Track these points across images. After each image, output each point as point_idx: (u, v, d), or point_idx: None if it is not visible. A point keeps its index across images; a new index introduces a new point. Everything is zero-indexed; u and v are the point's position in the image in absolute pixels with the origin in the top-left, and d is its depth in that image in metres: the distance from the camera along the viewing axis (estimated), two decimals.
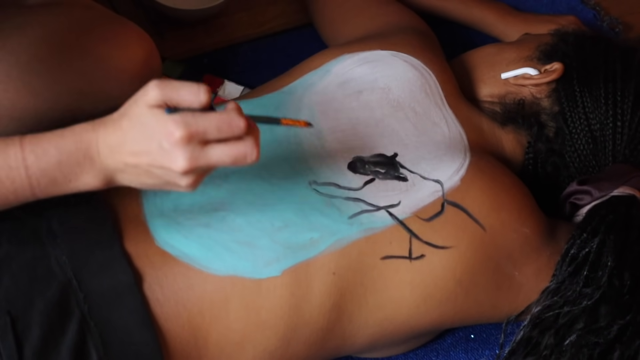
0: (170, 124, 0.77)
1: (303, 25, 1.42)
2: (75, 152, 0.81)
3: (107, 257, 0.89)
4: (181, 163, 0.78)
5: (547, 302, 0.96)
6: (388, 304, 0.95)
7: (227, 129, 0.79)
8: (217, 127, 0.79)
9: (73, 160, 0.81)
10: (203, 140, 0.79)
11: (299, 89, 1.06)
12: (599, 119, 1.09)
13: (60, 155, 0.81)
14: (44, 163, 0.80)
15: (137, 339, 0.87)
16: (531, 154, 1.12)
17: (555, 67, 1.11)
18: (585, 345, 0.93)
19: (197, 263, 0.91)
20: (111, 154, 0.81)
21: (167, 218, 0.93)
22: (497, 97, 1.14)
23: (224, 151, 0.79)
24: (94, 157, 0.81)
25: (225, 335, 0.91)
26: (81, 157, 0.81)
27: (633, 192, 1.03)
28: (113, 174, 0.82)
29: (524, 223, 0.99)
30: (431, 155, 1.01)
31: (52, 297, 0.86)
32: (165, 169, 0.79)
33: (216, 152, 0.79)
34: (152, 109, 0.79)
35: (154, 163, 0.79)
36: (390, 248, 0.95)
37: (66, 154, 0.81)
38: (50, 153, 0.80)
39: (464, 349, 1.12)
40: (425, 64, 1.09)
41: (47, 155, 0.80)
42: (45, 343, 0.84)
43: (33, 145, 0.81)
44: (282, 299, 0.91)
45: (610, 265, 0.96)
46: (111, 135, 0.80)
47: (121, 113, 0.81)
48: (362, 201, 0.96)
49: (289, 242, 0.93)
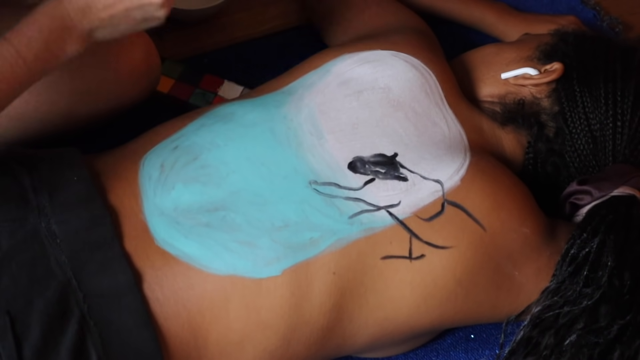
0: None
1: (303, 25, 1.42)
2: (55, 29, 0.88)
3: (106, 257, 0.89)
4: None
5: (547, 302, 0.96)
6: (388, 303, 0.95)
7: None
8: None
9: (56, 36, 0.88)
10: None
11: (299, 89, 1.06)
12: (599, 119, 1.09)
13: (43, 36, 0.88)
14: (35, 49, 0.87)
15: (137, 338, 0.87)
16: (531, 154, 1.12)
17: (555, 67, 1.11)
18: (585, 345, 0.93)
19: (197, 262, 0.91)
20: (84, 15, 0.89)
21: (166, 217, 0.93)
22: (497, 97, 1.14)
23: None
24: (70, 27, 0.89)
25: (225, 335, 0.91)
26: (60, 30, 0.88)
27: (633, 192, 1.03)
28: (91, 33, 0.90)
29: (524, 223, 0.99)
30: (431, 155, 1.01)
31: (51, 297, 0.86)
32: (144, 6, 0.88)
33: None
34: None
35: (132, 5, 0.87)
36: (391, 248, 0.95)
37: (47, 32, 0.88)
38: (35, 37, 0.87)
39: (464, 349, 1.12)
40: (425, 63, 1.09)
41: (34, 41, 0.87)
42: (44, 343, 0.84)
43: (20, 36, 0.87)
44: (282, 298, 0.91)
45: (611, 265, 0.96)
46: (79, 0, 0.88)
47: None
48: (362, 201, 0.96)
49: (289, 242, 0.93)
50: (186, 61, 1.34)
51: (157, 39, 1.21)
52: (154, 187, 0.96)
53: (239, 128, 1.01)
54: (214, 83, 1.31)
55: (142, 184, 0.96)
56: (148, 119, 1.11)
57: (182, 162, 0.98)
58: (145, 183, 0.96)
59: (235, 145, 0.99)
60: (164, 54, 1.27)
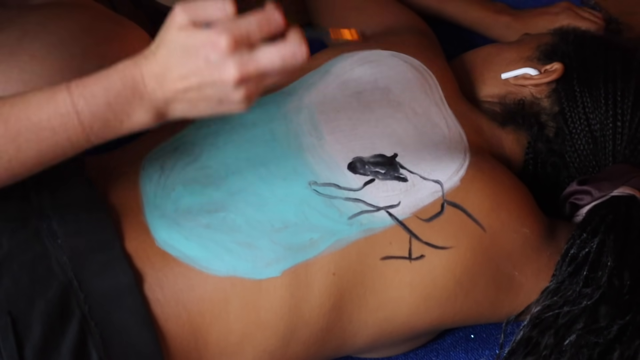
0: (212, 35, 0.75)
1: (303, 25, 1.41)
2: (123, 90, 0.78)
3: (107, 258, 0.89)
4: (232, 72, 0.75)
5: (547, 302, 0.96)
6: (388, 304, 0.95)
7: (267, 25, 0.77)
8: (257, 25, 0.77)
9: (122, 99, 0.78)
10: (248, 44, 0.76)
11: (299, 89, 1.06)
12: (599, 119, 1.10)
13: (108, 95, 0.78)
14: (94, 106, 0.78)
15: (138, 339, 0.87)
16: (531, 154, 1.12)
17: (555, 67, 1.11)
18: (585, 345, 0.93)
19: (197, 264, 0.91)
20: (159, 84, 0.78)
21: (167, 219, 0.93)
22: (497, 97, 1.14)
23: (272, 52, 0.77)
24: (142, 92, 0.78)
25: (225, 336, 0.91)
26: (130, 95, 0.78)
27: (633, 192, 1.03)
28: (165, 106, 0.79)
29: (524, 223, 0.99)
30: (431, 155, 1.01)
31: (52, 298, 0.86)
32: (217, 83, 0.76)
33: (264, 54, 0.77)
34: (185, 30, 0.76)
35: (205, 80, 0.76)
36: (390, 248, 0.95)
37: (114, 93, 0.78)
38: (99, 95, 0.78)
39: (464, 349, 1.12)
40: (425, 64, 1.09)
41: (96, 98, 0.78)
42: (45, 343, 0.84)
43: (80, 89, 0.78)
44: (282, 299, 0.92)
45: (610, 265, 0.96)
46: (155, 66, 0.78)
47: (156, 44, 0.78)
48: (362, 202, 0.96)
49: (288, 243, 0.93)
50: None
51: None
52: (154, 188, 0.96)
53: (238, 129, 1.01)
54: None
55: (143, 186, 0.96)
56: None
57: (182, 163, 0.98)
58: (146, 184, 0.96)
59: (234, 146, 0.99)
60: None
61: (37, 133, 0.78)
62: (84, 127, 0.78)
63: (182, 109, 0.80)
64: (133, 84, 0.78)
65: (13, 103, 0.78)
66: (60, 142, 0.79)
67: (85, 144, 0.80)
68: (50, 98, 0.78)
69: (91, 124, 0.78)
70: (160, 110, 0.79)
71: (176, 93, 0.78)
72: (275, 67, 0.77)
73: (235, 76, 0.75)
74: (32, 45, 1.01)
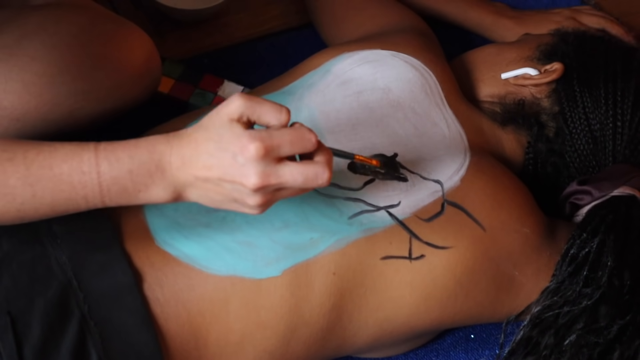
0: (245, 138, 0.77)
1: (303, 25, 1.42)
2: (147, 161, 0.80)
3: (107, 258, 0.89)
4: (253, 179, 0.77)
5: (547, 302, 0.96)
6: (388, 304, 0.95)
7: (299, 143, 0.79)
8: (290, 142, 0.78)
9: (144, 170, 0.80)
10: (276, 157, 0.78)
11: (299, 89, 1.06)
12: (599, 119, 1.10)
13: (132, 163, 0.80)
14: (116, 170, 0.80)
15: (137, 339, 0.87)
16: (531, 154, 1.12)
17: (555, 67, 1.11)
18: (585, 345, 0.93)
19: (197, 263, 0.91)
20: (183, 166, 0.80)
21: (167, 218, 0.93)
22: (497, 97, 1.14)
23: (297, 169, 0.78)
24: (165, 169, 0.80)
25: (225, 335, 0.91)
26: (153, 168, 0.80)
27: (633, 192, 1.03)
28: (183, 188, 0.81)
29: (524, 223, 1.00)
30: (431, 155, 1.01)
31: (52, 297, 0.86)
32: (236, 183, 0.78)
33: (288, 170, 0.78)
34: (231, 122, 0.78)
35: (225, 177, 0.78)
36: (390, 248, 0.95)
37: (138, 162, 0.80)
38: (123, 161, 0.80)
39: (464, 349, 1.12)
40: (425, 64, 1.10)
41: (120, 163, 0.80)
42: (45, 343, 0.84)
43: (107, 152, 0.80)
44: (282, 299, 0.92)
45: (610, 265, 0.96)
46: (185, 147, 0.80)
47: (199, 124, 0.81)
48: (362, 201, 0.96)
49: (289, 242, 0.93)
50: (186, 61, 1.34)
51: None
52: None
53: None
54: (213, 83, 1.31)
55: None
56: (148, 119, 1.11)
57: None
58: None
59: None
60: (164, 54, 1.27)
61: (56, 184, 0.80)
62: (102, 188, 0.80)
63: (198, 195, 0.82)
64: (159, 158, 0.80)
65: (40, 150, 0.81)
66: (75, 199, 0.81)
67: (99, 205, 0.82)
68: (76, 154, 0.80)
69: (109, 187, 0.80)
70: (177, 190, 0.81)
71: (196, 180, 0.80)
72: (297, 185, 0.79)
73: (254, 183, 0.77)
74: (31, 46, 1.01)
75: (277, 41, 1.40)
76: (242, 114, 0.79)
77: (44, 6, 1.09)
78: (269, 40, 1.40)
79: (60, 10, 1.08)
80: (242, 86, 1.31)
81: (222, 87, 1.31)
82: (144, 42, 1.13)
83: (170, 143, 0.81)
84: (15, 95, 1.00)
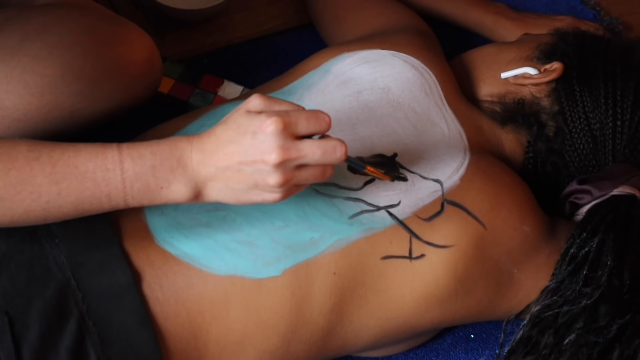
0: (263, 116, 0.80)
1: (303, 25, 1.42)
2: (169, 157, 0.83)
3: (105, 257, 0.89)
4: (274, 154, 0.80)
5: (546, 301, 0.96)
6: (389, 303, 0.95)
7: (315, 121, 0.82)
8: (306, 119, 0.81)
9: (166, 166, 0.82)
10: (294, 133, 0.81)
11: (299, 89, 1.06)
12: (598, 119, 1.09)
13: (154, 159, 0.82)
14: (139, 166, 0.82)
15: (136, 338, 0.87)
16: (531, 153, 1.12)
17: (555, 66, 1.11)
18: (584, 344, 0.93)
19: (197, 262, 0.91)
20: (204, 159, 0.82)
21: (167, 217, 0.93)
22: (497, 96, 1.14)
23: (315, 142, 0.82)
24: (187, 164, 0.83)
25: (225, 335, 0.91)
26: (175, 163, 0.83)
27: (633, 192, 1.03)
28: (204, 184, 0.84)
29: (524, 221, 0.99)
30: (431, 154, 1.01)
31: (50, 297, 0.86)
32: (257, 163, 0.80)
33: (307, 144, 0.81)
34: (249, 113, 0.81)
35: (246, 159, 0.81)
36: (391, 248, 0.95)
37: (160, 158, 0.82)
38: (146, 157, 0.82)
39: (464, 349, 1.12)
40: (425, 64, 1.09)
41: (143, 159, 0.82)
42: (43, 343, 0.84)
43: (131, 150, 0.83)
44: (282, 298, 0.91)
45: (610, 265, 0.96)
46: (206, 142, 0.83)
47: (220, 122, 0.84)
48: (362, 201, 0.96)
49: (289, 242, 0.93)
50: (186, 61, 1.34)
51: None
52: None
53: None
54: (213, 83, 1.31)
55: None
56: (148, 119, 1.11)
57: None
58: None
59: None
60: (164, 54, 1.27)
61: (80, 181, 0.82)
62: (125, 185, 0.82)
63: (219, 190, 0.84)
64: (181, 154, 0.83)
65: (65, 149, 0.83)
66: (99, 196, 0.83)
67: (121, 204, 0.84)
68: (100, 152, 0.82)
69: (132, 183, 0.82)
70: (198, 187, 0.84)
71: (217, 170, 0.82)
72: (316, 158, 0.81)
73: (275, 158, 0.80)
74: (33, 46, 1.01)
75: (277, 41, 1.40)
76: (260, 108, 0.82)
77: (45, 6, 1.09)
78: (269, 40, 1.40)
79: (62, 10, 1.08)
80: (242, 86, 1.31)
81: (222, 87, 1.31)
82: (145, 42, 1.13)
83: (191, 140, 0.83)
84: (17, 95, 1.00)
